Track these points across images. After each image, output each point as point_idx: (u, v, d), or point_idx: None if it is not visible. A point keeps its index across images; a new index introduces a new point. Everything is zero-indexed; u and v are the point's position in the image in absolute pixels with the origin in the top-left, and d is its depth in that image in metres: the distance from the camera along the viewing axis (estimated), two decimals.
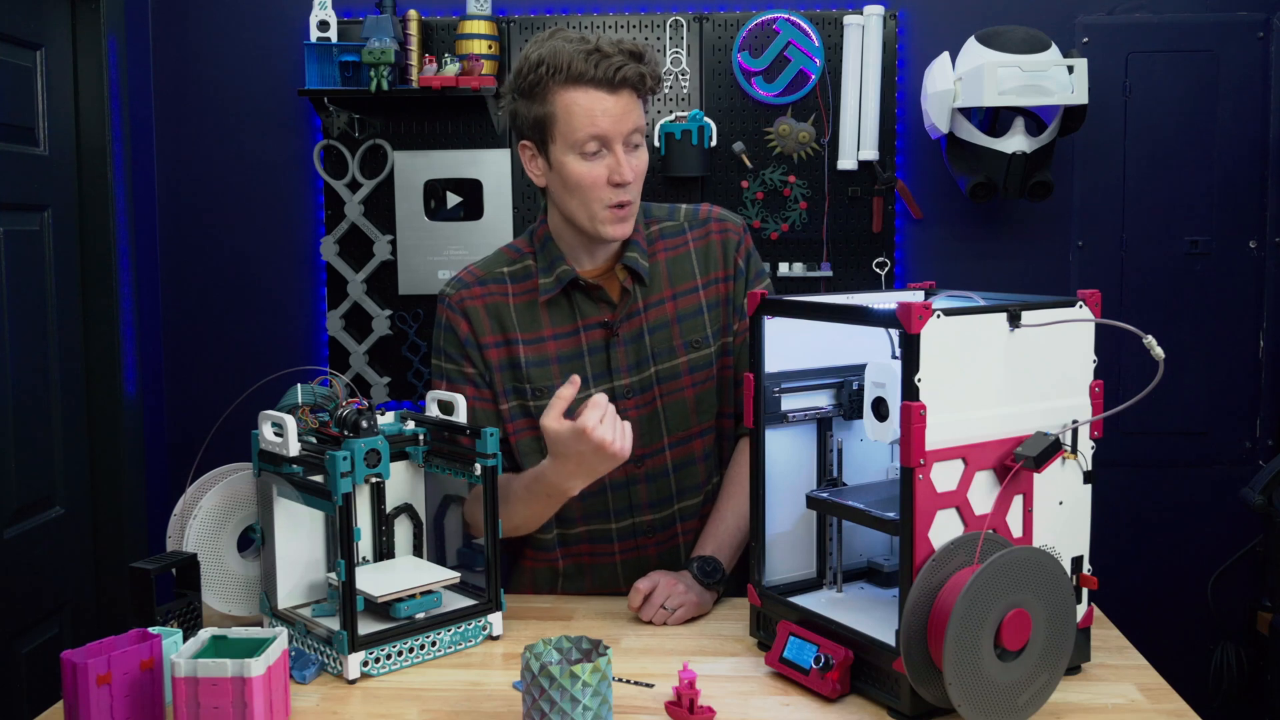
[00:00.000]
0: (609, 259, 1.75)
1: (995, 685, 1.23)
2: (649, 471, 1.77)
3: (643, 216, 1.78)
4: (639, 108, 1.65)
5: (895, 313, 1.25)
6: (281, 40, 3.06)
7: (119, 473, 2.84)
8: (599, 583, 1.80)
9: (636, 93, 1.64)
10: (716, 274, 1.79)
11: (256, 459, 1.52)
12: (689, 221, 1.81)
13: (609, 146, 1.62)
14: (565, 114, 1.61)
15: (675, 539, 1.80)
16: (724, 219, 1.82)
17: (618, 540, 1.78)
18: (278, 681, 1.30)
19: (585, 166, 1.63)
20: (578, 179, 1.64)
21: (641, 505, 1.77)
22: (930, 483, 1.26)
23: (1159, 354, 1.28)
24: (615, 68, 1.59)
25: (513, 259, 1.79)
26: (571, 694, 1.20)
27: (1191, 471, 3.05)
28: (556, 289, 1.72)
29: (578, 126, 1.61)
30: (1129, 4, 2.96)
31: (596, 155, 1.63)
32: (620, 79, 1.60)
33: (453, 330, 1.75)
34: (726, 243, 1.80)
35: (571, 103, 1.61)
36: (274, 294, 3.14)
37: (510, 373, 1.74)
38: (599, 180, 1.63)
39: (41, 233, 2.62)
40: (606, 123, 1.61)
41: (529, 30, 2.99)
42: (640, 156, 1.67)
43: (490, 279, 1.77)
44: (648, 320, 1.75)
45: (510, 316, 1.74)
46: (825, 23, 2.95)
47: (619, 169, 1.62)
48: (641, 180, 1.68)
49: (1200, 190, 2.99)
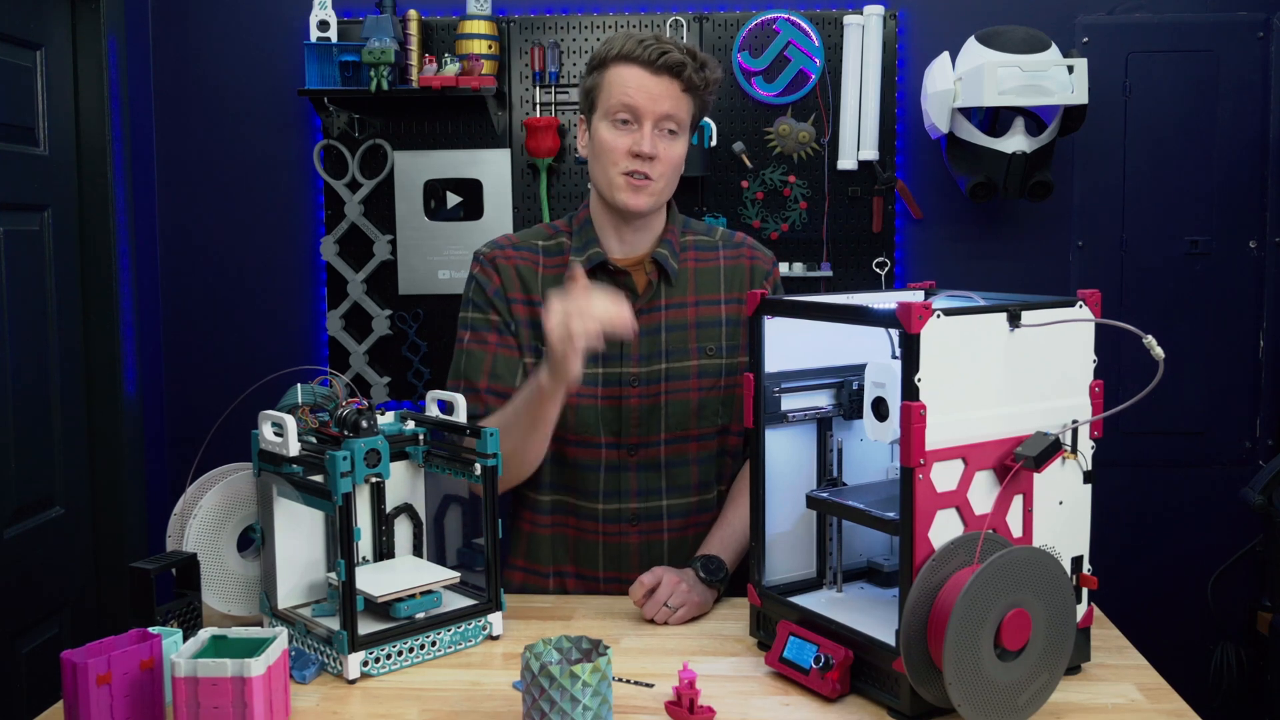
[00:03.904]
0: (641, 250, 1.81)
1: (995, 685, 1.23)
2: (641, 461, 1.80)
3: (681, 225, 1.86)
4: (682, 100, 1.72)
5: (895, 313, 1.25)
6: (281, 40, 3.06)
7: (119, 473, 2.84)
8: (581, 561, 1.83)
9: (681, 83, 1.70)
10: (741, 294, 1.84)
11: (256, 459, 1.52)
12: (724, 241, 1.88)
13: (639, 120, 1.70)
14: (608, 84, 1.72)
15: (659, 534, 1.82)
16: (756, 247, 1.90)
17: (602, 520, 1.81)
18: (278, 681, 1.30)
19: (612, 134, 1.72)
20: (602, 143, 1.73)
21: (629, 492, 1.80)
22: (930, 483, 1.26)
23: (1159, 354, 1.28)
24: (660, 51, 1.69)
25: (549, 235, 1.86)
26: (571, 694, 1.20)
27: (1191, 471, 3.05)
28: (585, 269, 1.76)
29: (613, 94, 1.71)
30: (1129, 4, 2.96)
31: (626, 126, 1.71)
32: (663, 62, 1.69)
33: (482, 283, 1.82)
34: (755, 268, 1.86)
35: (615, 75, 1.71)
36: (274, 294, 3.14)
37: (532, 330, 1.79)
38: (621, 148, 1.71)
39: (41, 233, 2.62)
40: (640, 97, 1.69)
41: (529, 30, 2.99)
42: (672, 146, 1.73)
43: (525, 246, 1.85)
44: (667, 318, 1.80)
45: (537, 283, 1.81)
46: (825, 23, 2.95)
47: (642, 141, 1.70)
48: (672, 169, 1.75)
49: (1200, 190, 2.99)
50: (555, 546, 1.85)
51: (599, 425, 1.79)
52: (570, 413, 1.77)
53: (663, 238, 1.81)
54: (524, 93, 3.03)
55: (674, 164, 1.74)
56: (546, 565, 1.85)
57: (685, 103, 1.72)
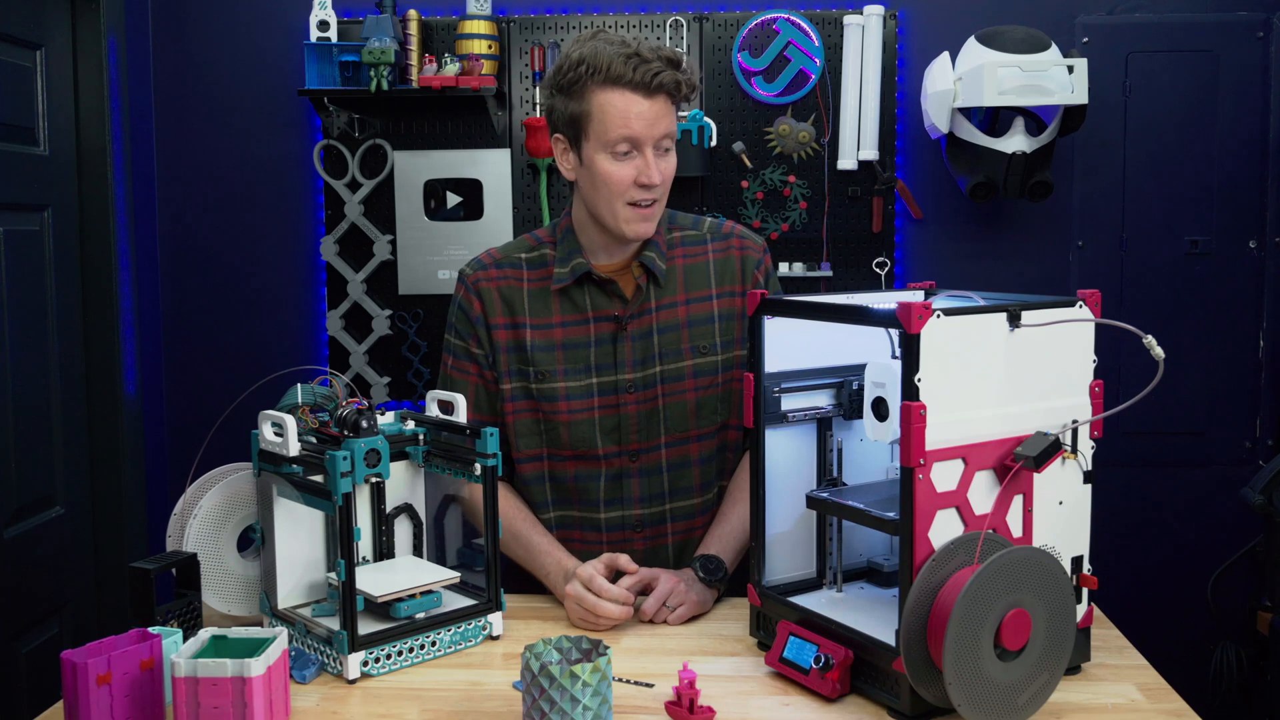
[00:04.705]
0: (626, 256, 1.79)
1: (995, 685, 1.23)
2: (643, 467, 1.79)
3: (666, 222, 1.83)
4: (672, 114, 1.69)
5: (895, 313, 1.25)
6: (281, 40, 3.06)
7: (119, 473, 2.84)
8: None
9: (671, 99, 1.68)
10: (733, 287, 1.82)
11: (256, 459, 1.52)
12: (711, 234, 1.85)
13: (639, 149, 1.67)
14: (600, 114, 1.65)
15: (664, 538, 1.81)
16: (746, 236, 1.87)
17: (605, 530, 1.80)
18: (278, 681, 1.30)
19: (615, 166, 1.67)
20: (605, 177, 1.68)
21: (632, 499, 1.79)
22: (930, 483, 1.26)
23: (1159, 354, 1.28)
24: (653, 73, 1.63)
25: (531, 246, 1.83)
26: (571, 694, 1.20)
27: (1191, 471, 3.05)
28: (569, 279, 1.76)
29: (611, 127, 1.65)
30: (1129, 4, 2.96)
31: (627, 156, 1.67)
32: (657, 84, 1.64)
33: (465, 309, 1.81)
34: (746, 259, 1.84)
35: (607, 103, 1.65)
36: (274, 294, 3.14)
37: (516, 355, 1.78)
38: (626, 180, 1.68)
39: (41, 233, 2.62)
40: (640, 126, 1.65)
41: (529, 30, 2.99)
42: (669, 161, 1.71)
43: (507, 263, 1.82)
44: (658, 320, 1.78)
45: (522, 302, 1.79)
46: (825, 23, 2.95)
47: (647, 171, 1.67)
48: (669, 184, 1.73)
49: (1200, 190, 2.99)
50: None
51: (597, 437, 1.77)
52: (566, 430, 1.77)
53: (649, 239, 1.78)
54: (524, 93, 3.03)
55: (672, 176, 1.73)
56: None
57: (674, 113, 1.71)
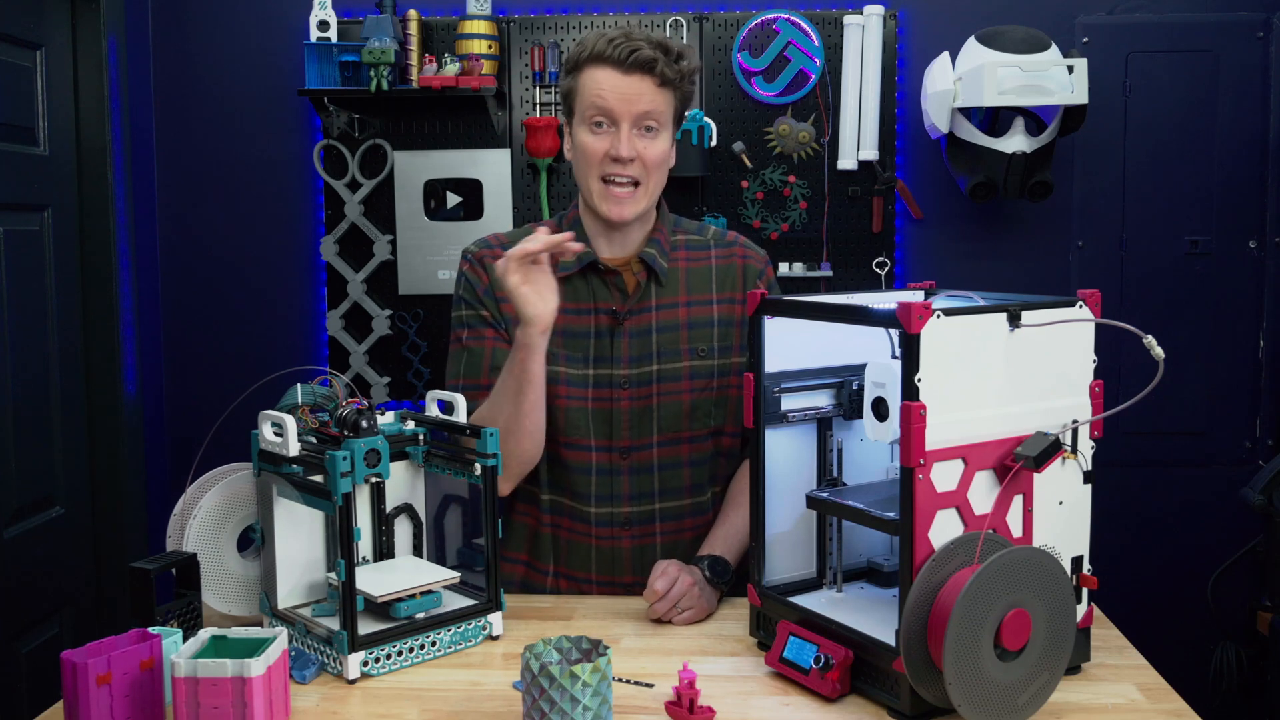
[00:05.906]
0: (630, 250, 1.80)
1: (995, 685, 1.23)
2: (634, 464, 1.79)
3: (671, 225, 1.84)
4: (658, 95, 1.69)
5: (895, 313, 1.25)
6: (281, 40, 3.06)
7: (119, 473, 2.84)
8: (573, 563, 1.82)
9: (655, 79, 1.68)
10: (733, 294, 1.82)
11: (256, 459, 1.52)
12: (715, 240, 1.87)
13: (615, 122, 1.69)
14: (582, 87, 1.71)
15: (652, 537, 1.81)
16: (749, 246, 1.88)
17: (594, 524, 1.80)
18: (278, 681, 1.30)
19: (590, 138, 1.71)
20: (581, 149, 1.72)
21: (622, 496, 1.79)
22: (930, 483, 1.26)
23: (1159, 354, 1.28)
24: (631, 49, 1.66)
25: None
26: (571, 694, 1.20)
27: (1191, 471, 3.05)
28: (575, 268, 1.77)
29: (587, 99, 1.70)
30: (1129, 4, 2.96)
31: (601, 129, 1.70)
32: (633, 61, 1.66)
33: (472, 281, 1.83)
34: (748, 267, 1.85)
35: (588, 77, 1.70)
36: (274, 294, 3.14)
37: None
38: (599, 152, 1.70)
39: (41, 233, 2.62)
40: (613, 99, 1.67)
41: (529, 30, 2.99)
42: (653, 145, 1.71)
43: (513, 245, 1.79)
44: (658, 319, 1.79)
45: None
46: (825, 23, 2.95)
47: (618, 144, 1.68)
48: (655, 169, 1.73)
49: (1200, 190, 2.99)
50: (554, 546, 1.85)
51: (589, 427, 1.78)
52: (560, 414, 1.77)
53: (650, 237, 1.79)
54: (524, 93, 3.03)
55: (656, 162, 1.72)
56: (546, 563, 1.85)
57: (662, 98, 1.70)
